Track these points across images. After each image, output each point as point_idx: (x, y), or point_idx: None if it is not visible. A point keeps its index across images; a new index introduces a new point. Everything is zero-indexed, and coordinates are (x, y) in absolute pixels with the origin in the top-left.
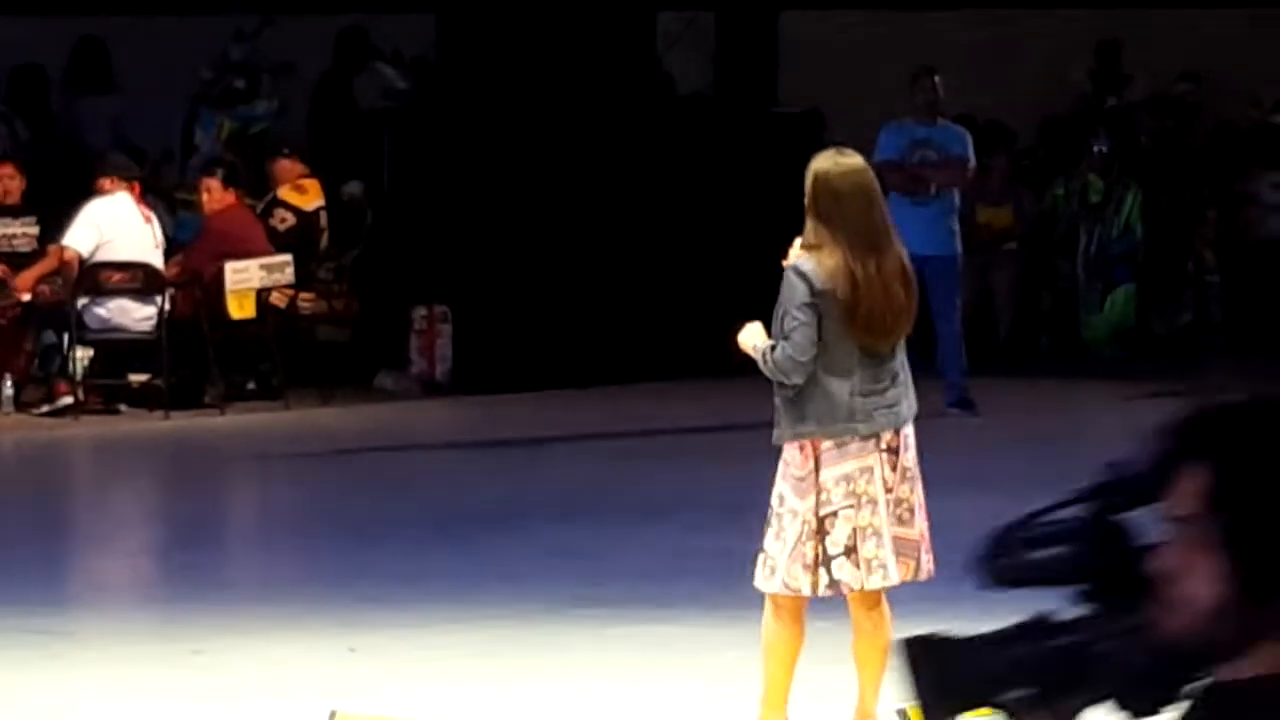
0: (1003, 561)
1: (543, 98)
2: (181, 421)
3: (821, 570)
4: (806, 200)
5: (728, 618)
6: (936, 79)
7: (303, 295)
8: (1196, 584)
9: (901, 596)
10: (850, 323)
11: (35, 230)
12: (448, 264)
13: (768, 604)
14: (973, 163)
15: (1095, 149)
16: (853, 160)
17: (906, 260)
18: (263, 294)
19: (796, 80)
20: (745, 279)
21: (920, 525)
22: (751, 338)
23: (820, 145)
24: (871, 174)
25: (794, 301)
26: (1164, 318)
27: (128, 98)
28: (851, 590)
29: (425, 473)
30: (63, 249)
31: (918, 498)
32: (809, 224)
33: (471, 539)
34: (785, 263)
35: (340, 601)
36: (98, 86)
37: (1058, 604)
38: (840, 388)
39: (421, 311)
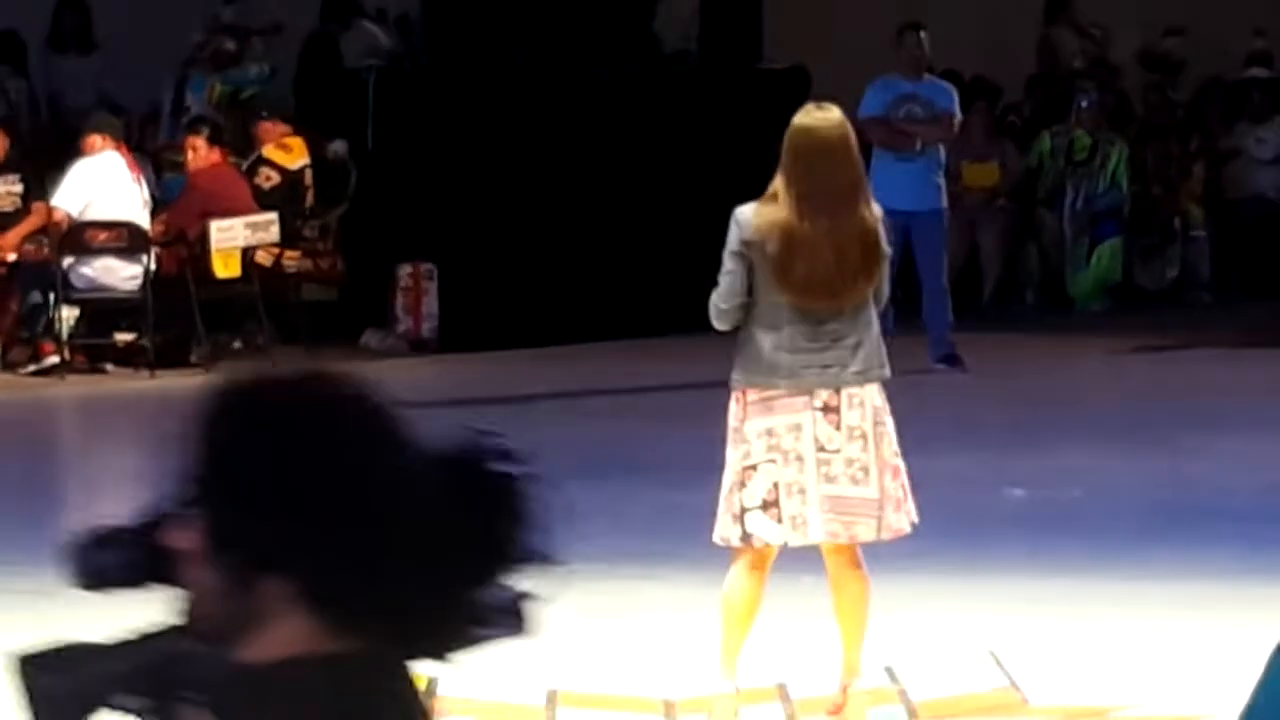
0: (81, 564)
1: (528, 56)
2: (167, 381)
3: (738, 522)
4: (782, 154)
5: (710, 575)
6: (922, 34)
7: (288, 254)
8: (198, 569)
9: (884, 553)
10: (781, 279)
11: (19, 189)
12: (433, 222)
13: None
14: (959, 118)
15: (1081, 104)
16: (827, 116)
17: (874, 224)
18: (248, 253)
19: (782, 36)
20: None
21: (883, 484)
22: None
23: (804, 101)
24: (845, 132)
25: (726, 248)
26: (1150, 272)
27: (109, 57)
28: (767, 545)
29: (409, 431)
30: (51, 208)
31: (874, 457)
32: (777, 176)
33: None
34: None
35: None
36: (79, 45)
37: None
38: (764, 340)
39: (407, 270)
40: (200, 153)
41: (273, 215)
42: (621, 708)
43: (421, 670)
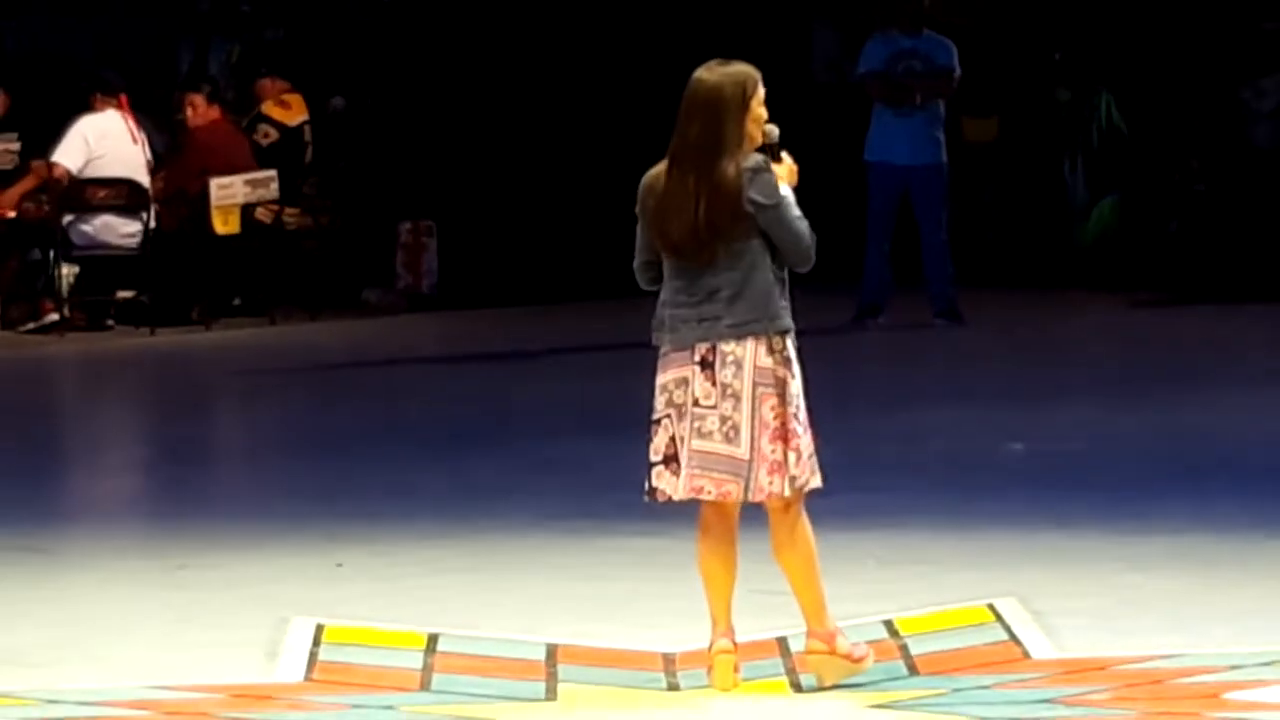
0: None
1: (528, 9)
2: (167, 338)
3: (646, 477)
4: None
5: None
6: None
7: (287, 210)
8: None
9: (882, 507)
10: (653, 235)
11: (17, 147)
12: (433, 178)
13: None
14: (958, 73)
15: (1056, 56)
16: (721, 70)
17: (732, 179)
18: (248, 209)
19: None
20: None
21: (758, 445)
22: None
23: (808, 59)
24: (728, 88)
25: None
26: (1151, 226)
27: (112, 15)
28: (669, 499)
29: (411, 387)
30: (51, 165)
31: (747, 417)
32: None
33: (458, 453)
34: None
35: (326, 517)
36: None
37: None
38: (662, 295)
39: (407, 226)
40: (199, 110)
41: (272, 172)
42: (621, 663)
43: (422, 627)
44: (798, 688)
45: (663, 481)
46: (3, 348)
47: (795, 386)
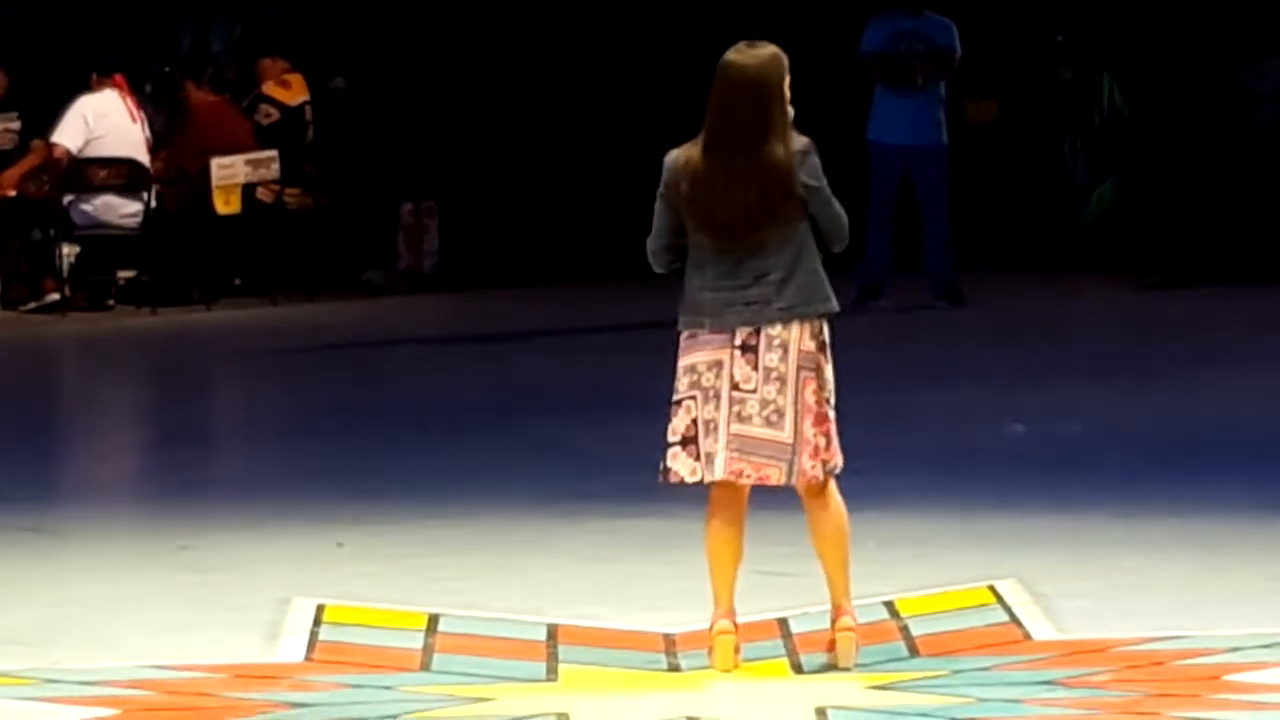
0: None
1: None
2: (168, 318)
3: (662, 458)
4: None
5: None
6: None
7: (288, 190)
8: None
9: (883, 488)
10: (692, 218)
11: (17, 126)
12: (435, 159)
13: None
14: (959, 53)
15: (1058, 38)
16: (754, 52)
17: (784, 162)
18: (249, 189)
19: None
20: None
21: (798, 429)
22: None
23: (817, 38)
24: (769, 70)
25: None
26: (1152, 208)
27: None
28: (683, 482)
29: (412, 368)
30: (51, 145)
31: (791, 401)
32: None
33: (458, 434)
34: None
35: (327, 497)
36: None
37: None
38: (693, 280)
39: (409, 207)
40: (198, 92)
41: (273, 152)
42: (622, 644)
43: (422, 608)
44: (798, 669)
45: (678, 463)
46: (3, 327)
47: (829, 370)
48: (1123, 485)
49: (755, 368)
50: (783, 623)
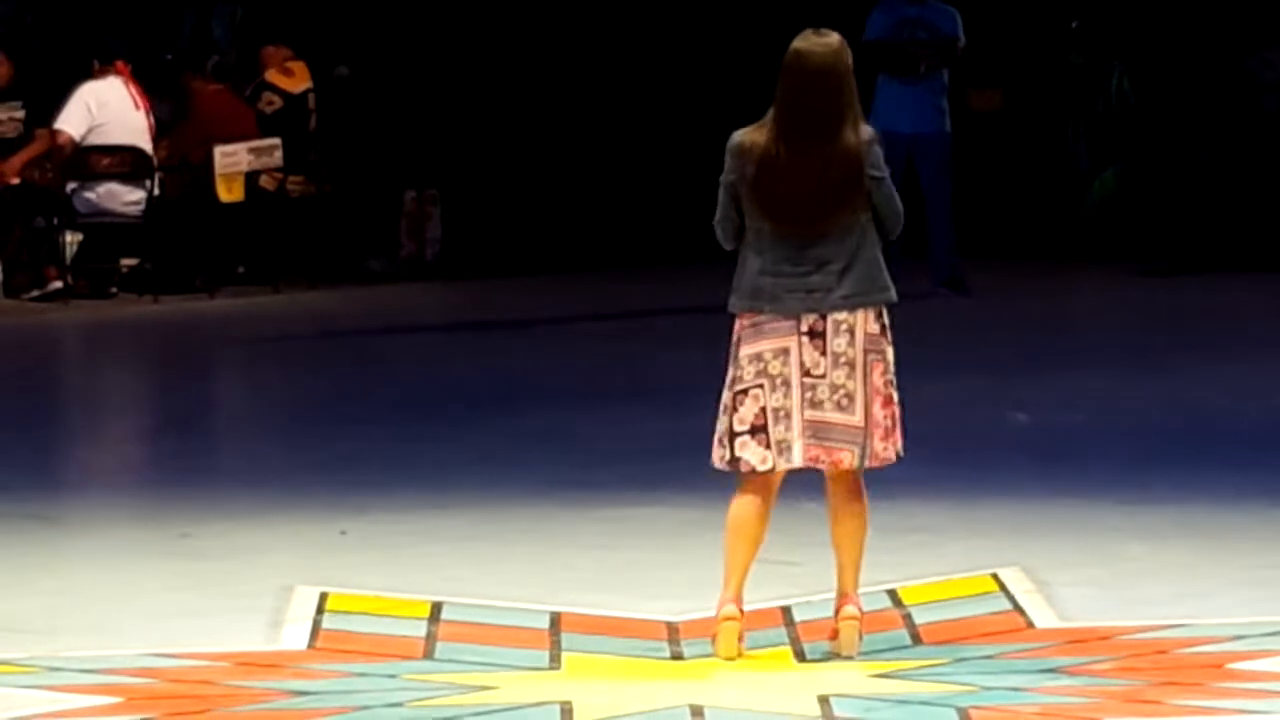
0: None
1: None
2: (171, 306)
3: (725, 446)
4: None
5: (717, 500)
6: None
7: (291, 178)
8: None
9: (886, 477)
10: (758, 204)
11: (21, 115)
12: (437, 147)
13: None
14: (963, 41)
15: (1073, 24)
16: (823, 40)
17: (859, 150)
18: (251, 177)
19: None
20: None
21: (870, 412)
22: None
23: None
24: (836, 57)
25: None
26: (1154, 196)
27: None
28: (753, 470)
29: (414, 356)
30: (55, 132)
31: (860, 384)
32: None
33: (459, 422)
34: None
35: (330, 485)
36: None
37: None
38: (752, 264)
39: (411, 195)
40: (202, 79)
41: (276, 140)
42: (625, 633)
43: (425, 596)
44: (801, 657)
45: (748, 452)
46: (7, 315)
47: (891, 354)
48: (1125, 473)
49: (824, 353)
50: (786, 611)
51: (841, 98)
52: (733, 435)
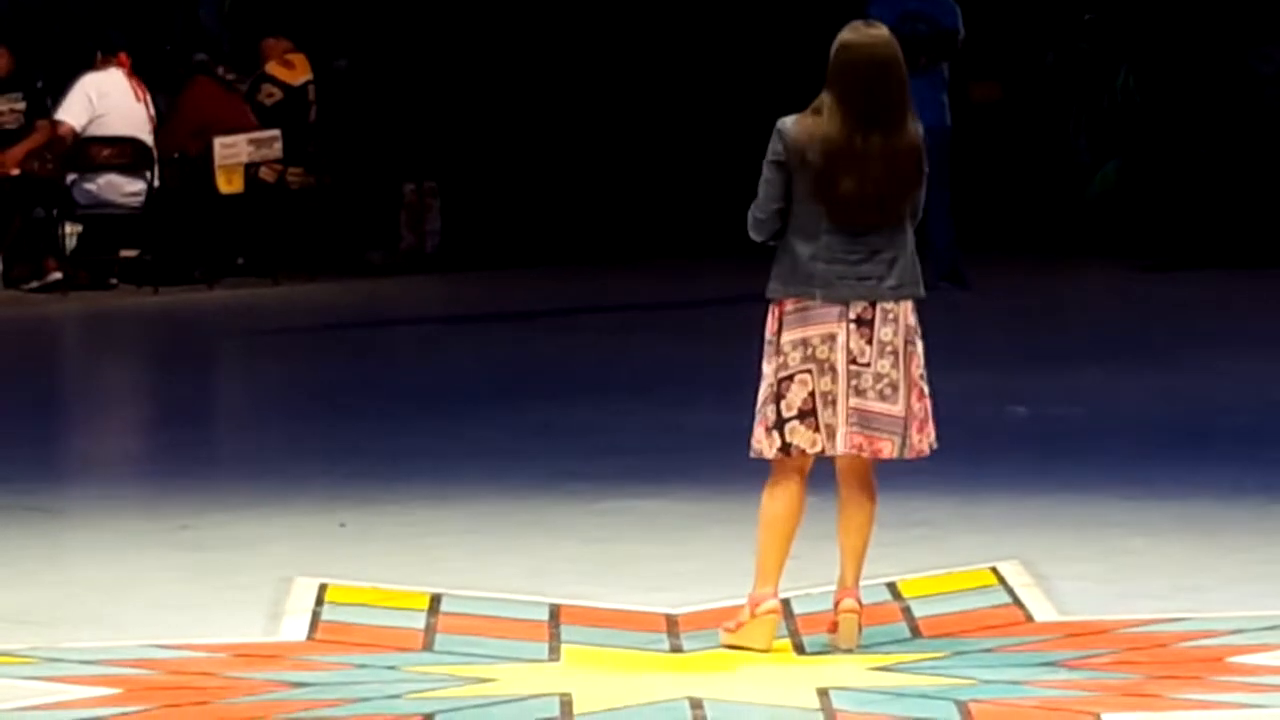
0: None
1: None
2: (171, 297)
3: (775, 433)
4: (829, 69)
5: (717, 494)
6: None
7: (291, 170)
8: None
9: (886, 470)
10: (824, 194)
11: (21, 106)
12: (437, 139)
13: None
14: (963, 34)
15: (1085, 17)
16: (877, 32)
17: (920, 141)
18: (251, 169)
19: None
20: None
21: (908, 403)
22: None
23: (821, 19)
24: (896, 50)
25: (767, 158)
26: (1155, 190)
27: None
28: (803, 454)
29: (414, 348)
30: (56, 123)
31: (903, 375)
32: (823, 91)
33: (460, 414)
34: None
35: (329, 477)
36: None
37: None
38: (803, 249)
39: (410, 186)
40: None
41: (276, 131)
42: (624, 625)
43: (425, 588)
44: (800, 649)
45: (798, 436)
46: (6, 306)
47: (922, 347)
48: (1125, 467)
49: (869, 341)
50: (785, 603)
51: (905, 89)
52: (782, 422)
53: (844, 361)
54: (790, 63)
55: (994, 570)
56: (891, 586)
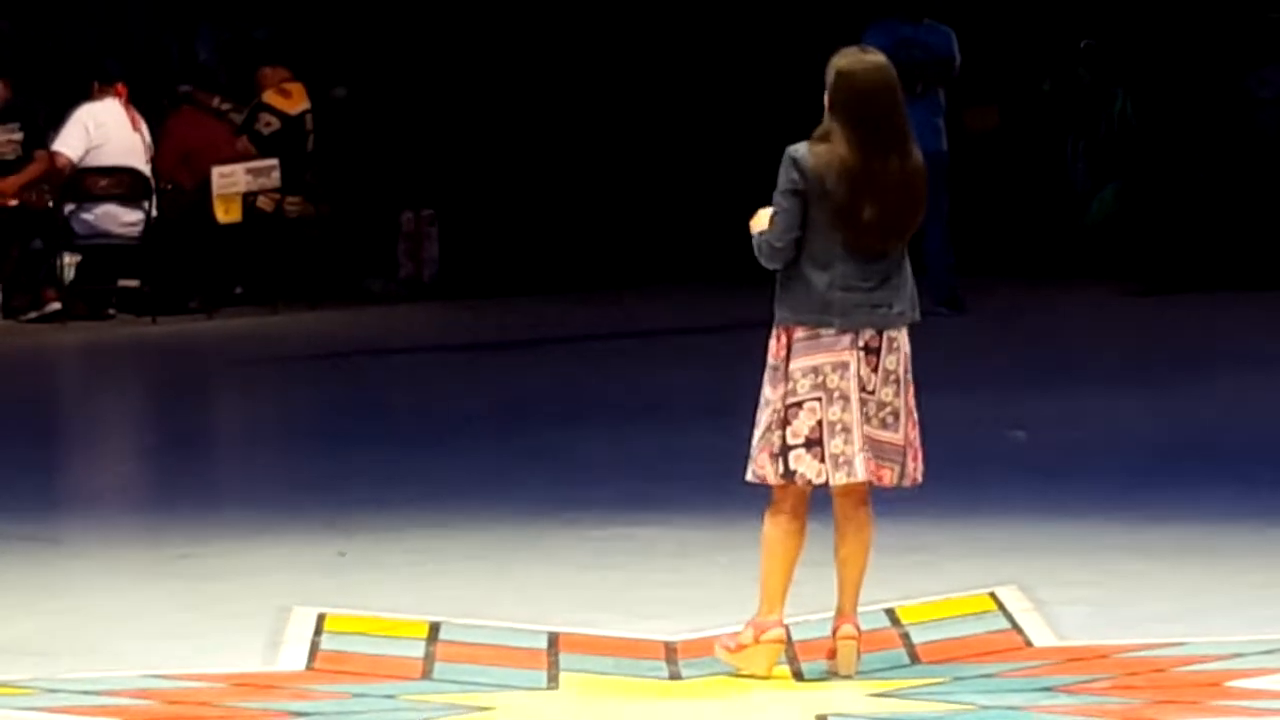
0: None
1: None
2: (169, 327)
3: (780, 459)
4: (827, 97)
5: (715, 519)
6: None
7: (289, 199)
8: None
9: (884, 495)
10: (837, 218)
11: (19, 137)
12: (435, 167)
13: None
14: (959, 60)
15: (1083, 43)
16: (876, 58)
17: (923, 167)
18: (249, 198)
19: None
20: (741, 181)
21: (906, 432)
22: (757, 223)
23: (812, 42)
24: (895, 75)
25: (780, 187)
26: (1153, 213)
27: (112, 3)
28: (809, 484)
29: (412, 376)
30: (53, 154)
31: (904, 403)
32: (825, 119)
33: (458, 442)
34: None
35: (328, 506)
36: None
37: None
38: (819, 278)
39: (409, 215)
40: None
41: (274, 160)
42: (623, 652)
43: (423, 616)
44: (799, 676)
45: (803, 465)
46: (4, 337)
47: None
48: (1124, 491)
49: (875, 370)
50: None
51: (905, 114)
52: (787, 449)
53: (856, 389)
54: (782, 93)
55: (992, 595)
56: (890, 612)
